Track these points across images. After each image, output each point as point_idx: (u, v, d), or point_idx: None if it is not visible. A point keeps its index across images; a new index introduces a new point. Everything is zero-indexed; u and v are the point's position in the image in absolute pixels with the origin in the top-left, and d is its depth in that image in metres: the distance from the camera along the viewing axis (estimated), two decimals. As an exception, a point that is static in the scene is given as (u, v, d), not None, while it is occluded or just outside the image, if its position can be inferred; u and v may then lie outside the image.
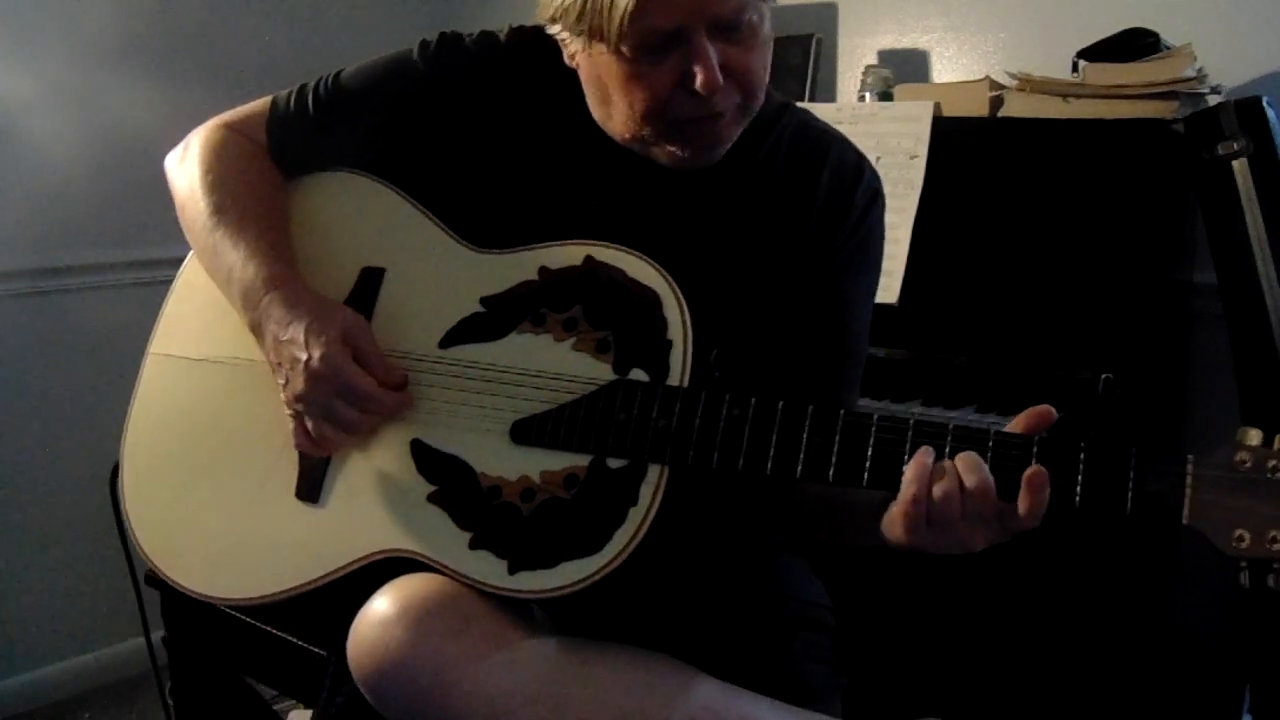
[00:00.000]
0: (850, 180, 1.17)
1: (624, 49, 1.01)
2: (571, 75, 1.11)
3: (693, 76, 1.00)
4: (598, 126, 1.13)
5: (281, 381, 1.09)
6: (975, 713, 1.71)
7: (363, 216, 1.21)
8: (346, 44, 2.44)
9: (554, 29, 1.08)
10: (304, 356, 1.05)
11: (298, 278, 1.15)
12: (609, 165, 1.14)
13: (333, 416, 1.06)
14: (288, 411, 1.10)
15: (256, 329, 1.12)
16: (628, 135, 1.09)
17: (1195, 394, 1.91)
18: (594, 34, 1.01)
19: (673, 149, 1.07)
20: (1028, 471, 0.90)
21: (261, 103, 1.26)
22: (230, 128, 1.25)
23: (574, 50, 1.08)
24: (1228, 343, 1.68)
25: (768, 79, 1.09)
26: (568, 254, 1.10)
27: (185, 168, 1.23)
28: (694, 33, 1.00)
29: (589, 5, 0.99)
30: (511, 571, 0.99)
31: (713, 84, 1.00)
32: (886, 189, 1.22)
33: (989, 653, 1.71)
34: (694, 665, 1.01)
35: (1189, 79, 1.71)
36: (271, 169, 1.25)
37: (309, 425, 1.08)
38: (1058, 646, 1.66)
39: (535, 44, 1.15)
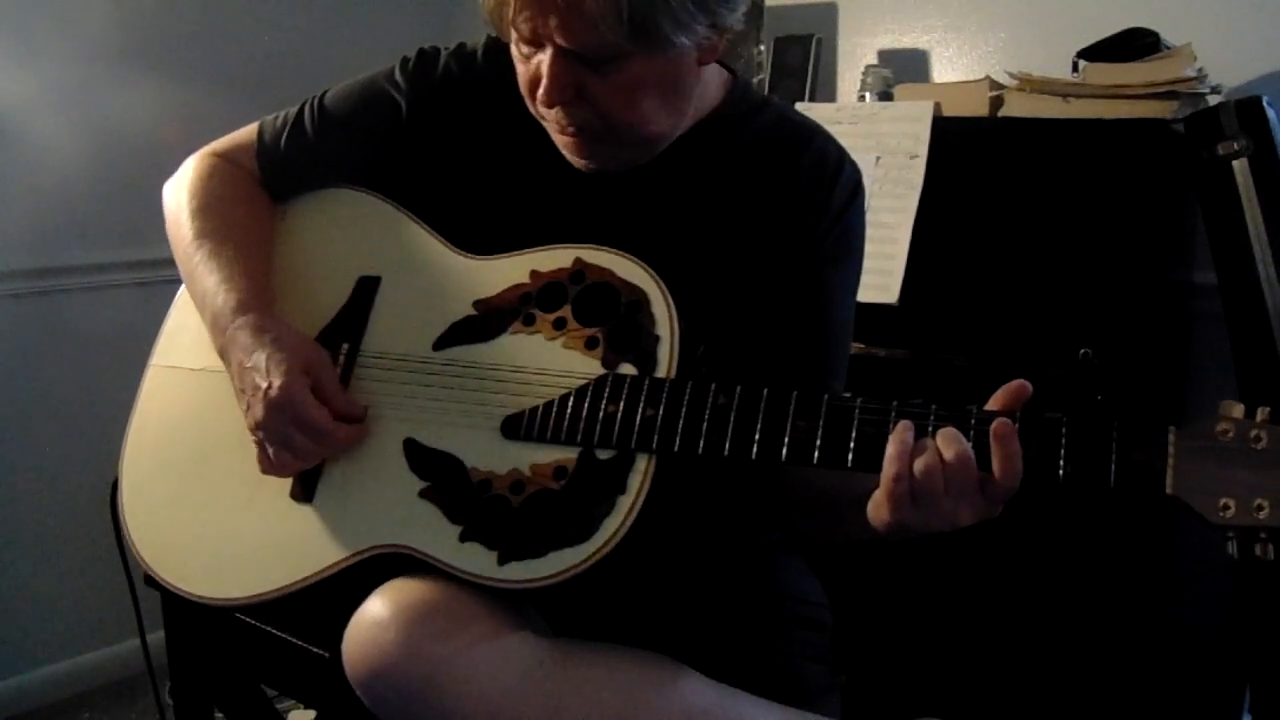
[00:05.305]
0: (831, 172, 1.17)
1: (512, 39, 1.04)
2: None
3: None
4: None
5: (244, 408, 1.10)
6: (974, 712, 1.71)
7: (358, 228, 1.23)
8: (346, 43, 2.44)
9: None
10: (264, 385, 1.07)
11: (267, 306, 1.16)
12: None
13: (289, 445, 1.08)
14: (251, 437, 1.11)
15: (224, 354, 1.14)
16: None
17: (1195, 394, 1.90)
18: (492, 25, 1.04)
19: (560, 144, 1.11)
20: (993, 424, 0.89)
21: (248, 131, 1.28)
22: (220, 155, 1.28)
23: None
24: (1228, 343, 1.68)
25: (657, 117, 1.07)
26: (558, 257, 1.11)
27: (175, 194, 1.26)
28: (543, 46, 1.01)
29: None
30: (501, 562, 0.99)
31: (546, 99, 1.03)
32: (886, 189, 1.22)
33: (988, 653, 1.70)
34: (689, 665, 1.01)
35: (1189, 79, 1.71)
36: (259, 196, 1.27)
37: (269, 451, 1.10)
38: (1057, 646, 1.66)
39: (506, 50, 1.17)
